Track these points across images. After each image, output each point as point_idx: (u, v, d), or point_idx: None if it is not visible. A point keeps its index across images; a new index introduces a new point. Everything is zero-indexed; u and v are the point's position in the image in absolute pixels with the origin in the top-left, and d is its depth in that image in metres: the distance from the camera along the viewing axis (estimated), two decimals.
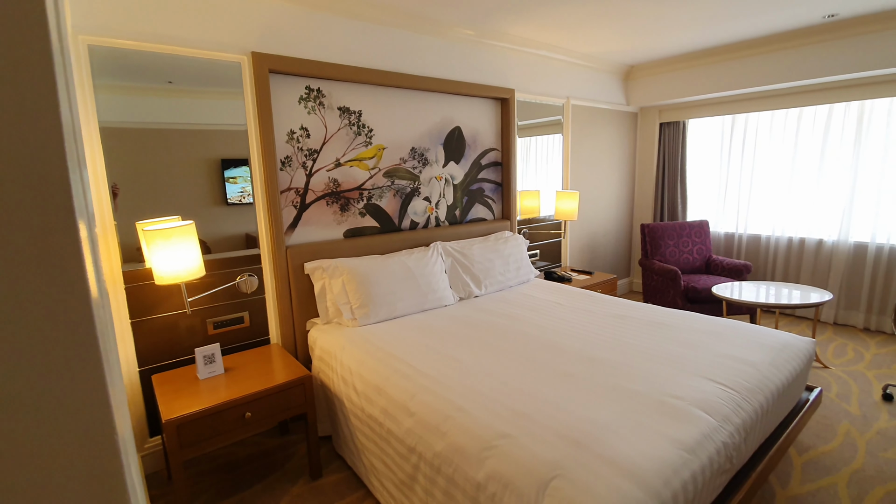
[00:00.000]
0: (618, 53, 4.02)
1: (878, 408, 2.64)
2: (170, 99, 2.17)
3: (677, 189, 4.86)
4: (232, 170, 2.37)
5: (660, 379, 1.74)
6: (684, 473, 1.25)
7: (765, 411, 1.70)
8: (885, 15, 3.13)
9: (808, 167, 4.06)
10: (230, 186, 2.37)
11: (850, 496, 1.95)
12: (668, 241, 4.28)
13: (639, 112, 5.04)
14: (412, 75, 2.87)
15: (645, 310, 2.61)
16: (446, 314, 2.59)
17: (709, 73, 4.12)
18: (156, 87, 2.12)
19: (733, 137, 4.48)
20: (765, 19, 3.21)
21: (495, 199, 3.61)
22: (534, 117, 3.86)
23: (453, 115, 3.24)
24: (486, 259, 3.05)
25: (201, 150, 2.27)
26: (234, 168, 2.37)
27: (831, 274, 4.00)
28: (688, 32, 3.45)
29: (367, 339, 2.23)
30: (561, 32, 3.33)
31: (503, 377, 1.77)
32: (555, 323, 2.42)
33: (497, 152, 3.57)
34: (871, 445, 2.29)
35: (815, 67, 3.53)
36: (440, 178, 3.21)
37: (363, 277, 2.47)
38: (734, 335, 2.17)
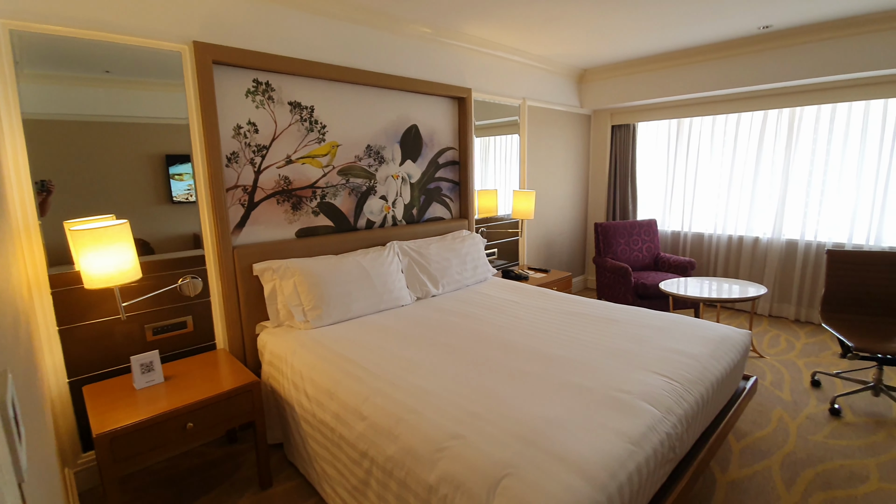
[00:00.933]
0: (572, 57, 4.11)
1: (807, 394, 2.83)
2: (108, 90, 2.02)
3: (628, 189, 5.04)
4: (177, 166, 2.24)
5: (609, 374, 1.79)
6: (630, 465, 1.29)
7: (705, 401, 1.79)
8: (815, 27, 3.37)
9: (745, 170, 4.32)
10: (175, 184, 2.24)
11: (784, 478, 2.08)
12: (620, 239, 4.43)
13: (592, 114, 5.19)
14: (367, 71, 2.82)
15: (597, 306, 2.68)
16: (403, 314, 2.56)
17: (656, 79, 4.29)
18: (92, 78, 1.97)
19: (679, 141, 4.70)
20: (707, 28, 3.37)
21: (453, 198, 3.61)
22: (491, 117, 3.88)
23: (410, 113, 3.21)
24: (444, 258, 3.05)
25: (143, 144, 2.13)
26: (179, 164, 2.24)
27: (766, 269, 4.27)
28: (637, 39, 3.58)
29: (320, 342, 2.17)
30: (517, 34, 3.37)
31: (457, 377, 1.77)
32: (511, 321, 2.44)
33: (454, 151, 3.57)
34: (802, 429, 2.46)
35: (751, 76, 3.76)
36: (397, 176, 3.18)
37: (316, 278, 2.40)
38: (679, 329, 2.27)
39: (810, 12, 3.08)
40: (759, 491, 1.99)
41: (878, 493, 1.97)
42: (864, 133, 3.70)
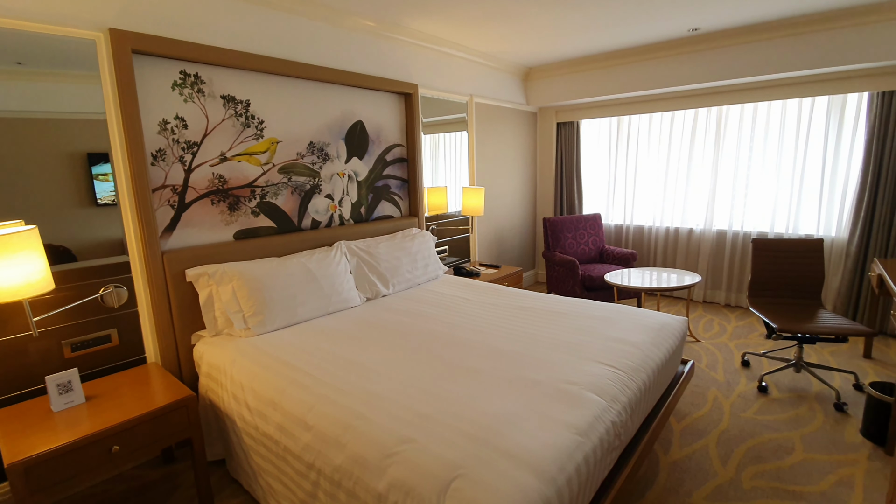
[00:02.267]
0: (517, 54, 4.17)
1: (738, 374, 3.04)
2: (20, 83, 1.82)
3: (574, 185, 5.20)
4: (101, 165, 2.04)
5: (558, 366, 1.82)
6: (578, 457, 1.31)
7: (647, 387, 1.86)
8: (738, 31, 3.61)
9: (679, 165, 4.56)
10: (100, 184, 2.04)
11: (720, 455, 2.21)
12: (567, 233, 4.55)
13: (538, 112, 5.30)
14: (308, 64, 2.71)
15: (547, 300, 2.73)
16: (352, 316, 2.49)
17: (597, 78, 4.44)
18: (2, 70, 1.76)
19: (619, 138, 4.90)
20: (641, 29, 3.52)
21: (402, 195, 3.55)
22: (439, 114, 3.86)
23: (355, 108, 3.12)
24: (394, 257, 2.99)
25: (62, 142, 1.93)
26: (103, 164, 2.05)
27: (700, 258, 4.54)
28: (577, 38, 3.68)
29: (262, 350, 2.05)
30: (462, 30, 3.36)
31: (408, 378, 1.73)
32: (462, 318, 2.43)
33: (402, 148, 3.52)
34: (734, 407, 2.63)
35: (682, 76, 3.97)
36: (343, 174, 3.08)
37: (257, 282, 2.27)
38: (622, 319, 2.35)
39: (731, 17, 3.28)
40: (698, 469, 2.11)
41: (803, 463, 2.14)
42: (782, 131, 4.01)
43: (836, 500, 1.90)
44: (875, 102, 3.49)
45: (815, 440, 2.30)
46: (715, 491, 1.96)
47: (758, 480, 2.02)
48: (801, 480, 2.02)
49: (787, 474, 2.06)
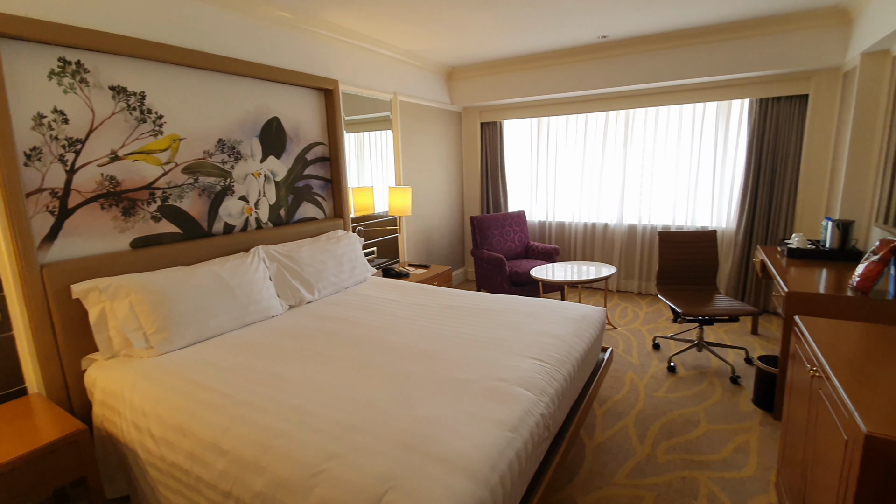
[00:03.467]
0: (440, 54, 4.17)
1: (650, 356, 3.29)
2: None
3: (499, 183, 5.33)
4: None
5: (487, 364, 1.83)
6: (510, 453, 1.32)
7: (572, 378, 1.94)
8: (642, 39, 3.90)
9: (593, 164, 4.85)
10: None
11: (637, 434, 2.37)
12: (494, 231, 4.66)
13: (462, 111, 5.36)
14: (214, 55, 2.49)
15: (475, 297, 2.76)
16: (273, 326, 2.34)
17: (516, 80, 4.58)
18: None
19: (539, 138, 5.10)
20: (557, 34, 3.68)
21: (325, 196, 3.41)
22: (363, 112, 3.76)
23: (269, 104, 2.93)
24: (318, 261, 2.86)
25: None
26: None
27: (614, 251, 4.87)
28: (496, 40, 3.76)
29: (168, 370, 1.85)
30: (383, 26, 3.29)
31: (334, 389, 1.65)
32: (391, 321, 2.38)
33: (324, 147, 3.37)
34: (648, 388, 2.84)
35: (593, 80, 4.22)
36: (258, 174, 2.88)
37: (160, 295, 2.05)
38: (547, 312, 2.44)
39: (635, 27, 3.54)
40: (619, 450, 2.24)
41: (707, 433, 2.36)
42: (680, 133, 4.41)
43: (735, 464, 2.11)
44: (754, 108, 3.95)
45: (715, 412, 2.55)
46: (635, 469, 2.10)
47: (670, 454, 2.19)
48: (705, 450, 2.22)
49: (694, 445, 2.25)
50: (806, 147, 3.79)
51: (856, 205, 3.20)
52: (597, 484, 2.01)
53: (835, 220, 2.93)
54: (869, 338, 1.55)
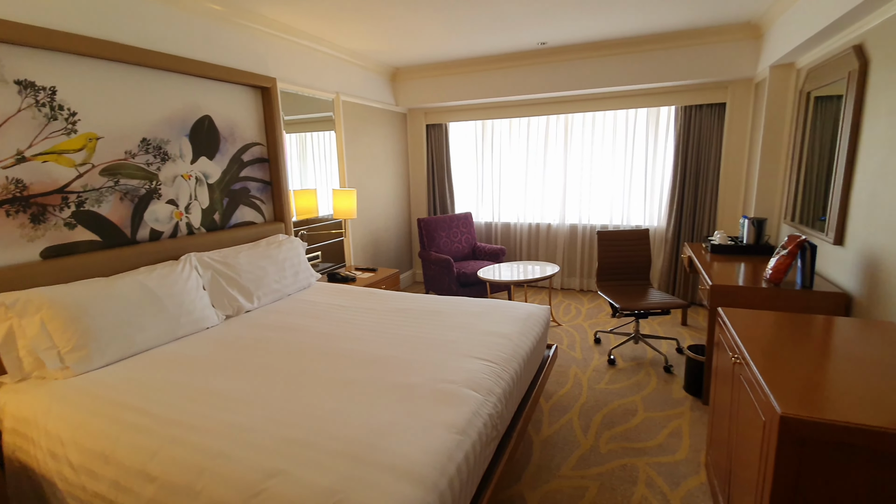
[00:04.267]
0: (383, 54, 4.13)
1: (592, 350, 3.43)
2: None
3: (445, 185, 5.36)
4: None
5: (436, 366, 1.83)
6: (458, 456, 1.32)
7: (519, 376, 1.98)
8: (579, 47, 4.06)
9: (536, 167, 5.00)
10: None
11: (581, 426, 2.46)
12: (442, 232, 4.67)
13: (407, 113, 5.33)
14: (135, 47, 2.30)
15: (423, 300, 2.75)
16: (208, 338, 2.20)
17: (460, 83, 4.63)
18: None
19: (484, 140, 5.19)
20: (499, 39, 3.75)
21: (264, 199, 3.26)
22: (305, 112, 3.64)
23: (200, 101, 2.76)
24: (258, 267, 2.73)
25: None
26: None
27: (557, 250, 5.05)
28: (439, 42, 3.78)
29: (88, 392, 1.69)
30: (322, 23, 3.20)
31: (276, 401, 1.58)
32: (337, 327, 2.31)
33: (262, 147, 3.23)
34: (591, 381, 2.96)
35: (534, 85, 4.35)
36: (189, 176, 2.71)
37: (76, 309, 1.86)
38: (494, 312, 2.47)
39: (571, 35, 3.68)
40: (564, 443, 2.32)
41: (645, 421, 2.49)
42: (614, 137, 4.64)
43: (669, 449, 2.25)
44: (680, 115, 4.24)
45: (651, 400, 2.70)
46: (579, 460, 2.18)
47: (612, 444, 2.30)
48: (643, 437, 2.35)
49: (633, 434, 2.38)
50: (725, 151, 4.12)
51: (768, 204, 3.51)
52: (544, 478, 2.06)
53: (750, 218, 3.20)
54: (781, 325, 1.71)
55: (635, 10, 3.14)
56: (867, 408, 1.13)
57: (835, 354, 1.45)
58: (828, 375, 1.31)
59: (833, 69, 2.54)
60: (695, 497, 1.92)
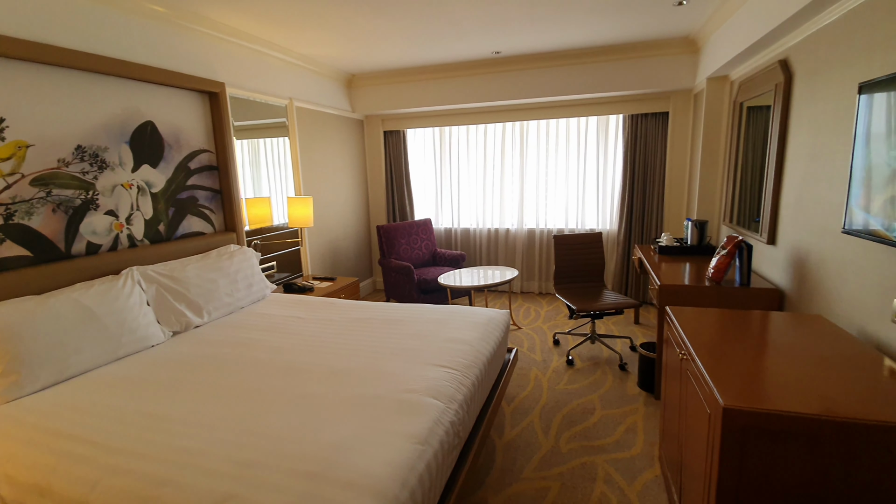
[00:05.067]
0: (339, 60, 4.08)
1: (551, 352, 3.51)
2: None
3: (404, 192, 5.34)
4: None
5: (397, 376, 1.81)
6: (420, 466, 1.31)
7: (480, 381, 1.99)
8: (532, 57, 4.17)
9: (494, 172, 5.08)
10: None
11: (542, 427, 2.51)
12: (401, 239, 4.65)
13: (364, 119, 5.29)
14: (68, 49, 2.16)
15: (384, 308, 2.72)
16: (153, 357, 2.07)
17: (417, 90, 4.64)
18: None
19: (442, 147, 5.22)
20: (454, 48, 3.80)
21: (214, 208, 3.13)
22: (257, 117, 3.53)
23: (142, 106, 2.62)
24: (207, 280, 2.61)
25: None
26: None
27: (516, 254, 5.14)
28: (396, 50, 3.78)
29: (19, 420, 1.55)
30: (272, 27, 3.13)
31: (228, 422, 1.51)
32: (294, 340, 2.25)
33: (211, 154, 3.10)
34: (550, 382, 3.02)
35: (489, 93, 4.43)
36: (130, 185, 2.56)
37: (5, 331, 1.71)
38: (455, 319, 2.48)
39: (524, 45, 3.79)
40: (526, 445, 2.35)
41: (602, 419, 2.57)
42: (568, 144, 4.80)
43: (626, 445, 2.33)
44: (627, 123, 4.44)
45: (608, 398, 2.79)
46: (541, 461, 2.22)
47: (572, 443, 2.35)
48: (601, 435, 2.42)
49: (591, 432, 2.45)
50: (669, 157, 4.35)
51: (708, 207, 3.74)
52: (507, 481, 2.08)
53: (693, 220, 3.39)
54: (723, 322, 1.82)
55: (582, 24, 3.27)
56: (800, 397, 1.22)
57: (771, 347, 1.55)
58: (765, 367, 1.40)
59: (762, 82, 2.75)
60: (650, 490, 2.00)
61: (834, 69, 1.99)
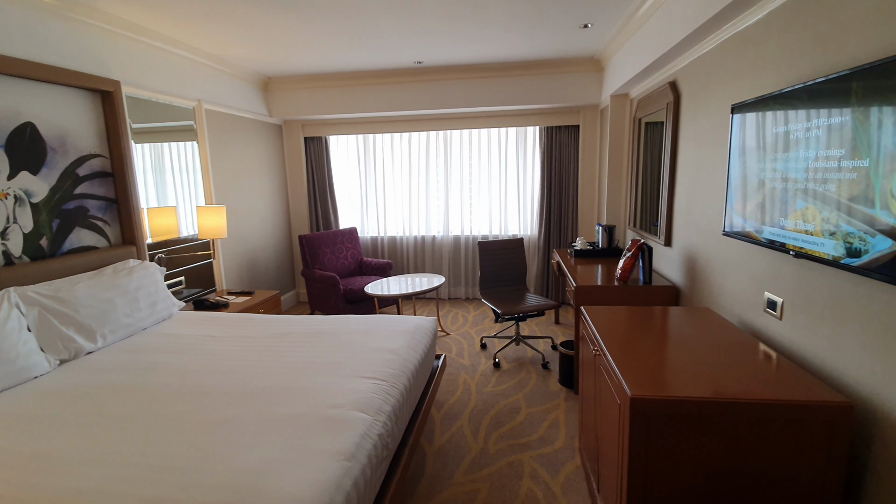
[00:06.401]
0: (252, 61, 3.88)
1: (479, 356, 3.60)
2: None
3: (328, 200, 5.19)
4: None
5: (322, 391, 1.75)
6: (347, 484, 1.28)
7: (409, 390, 1.98)
8: (453, 68, 4.27)
9: (419, 180, 5.12)
10: None
11: (471, 430, 2.55)
12: (326, 249, 4.51)
13: (283, 125, 5.07)
14: None
15: (308, 321, 2.62)
16: (37, 390, 1.81)
17: (339, 96, 4.56)
18: None
19: (367, 154, 5.16)
20: (376, 55, 3.78)
21: (109, 220, 2.82)
22: (161, 120, 3.24)
23: (20, 106, 2.30)
24: (102, 300, 2.33)
25: None
26: None
27: (443, 261, 5.21)
28: (315, 54, 3.68)
29: None
30: (175, 23, 2.91)
31: (127, 457, 1.36)
32: (206, 361, 2.08)
33: (104, 160, 2.79)
34: (479, 385, 3.09)
35: (412, 101, 4.47)
36: (5, 195, 2.23)
37: None
38: (382, 328, 2.46)
39: (444, 56, 3.88)
40: (456, 449, 2.38)
41: (528, 417, 2.67)
42: (490, 153, 4.97)
43: (549, 440, 2.44)
44: (543, 135, 4.71)
45: (532, 397, 2.92)
46: (471, 464, 2.25)
47: (500, 443, 2.42)
48: (527, 432, 2.52)
49: (518, 430, 2.53)
50: (581, 167, 4.67)
51: (615, 212, 4.07)
52: (438, 488, 2.09)
53: (603, 225, 3.67)
54: (630, 318, 1.98)
55: (500, 40, 3.42)
56: (694, 382, 1.37)
57: (669, 339, 1.72)
58: (664, 358, 1.55)
59: (656, 100, 3.06)
60: (572, 481, 2.11)
61: (712, 91, 2.27)
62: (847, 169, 1.26)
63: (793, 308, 1.62)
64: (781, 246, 1.58)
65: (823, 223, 1.36)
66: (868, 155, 1.19)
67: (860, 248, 1.22)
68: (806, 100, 1.44)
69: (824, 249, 1.36)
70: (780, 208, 1.58)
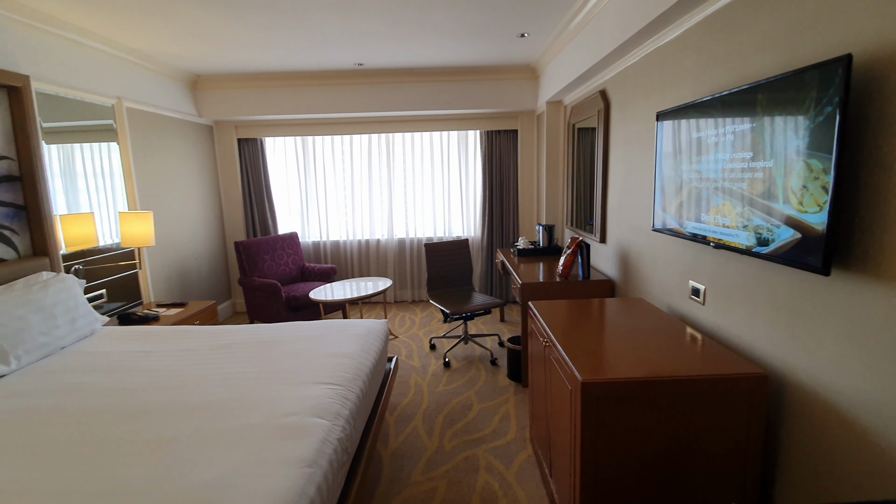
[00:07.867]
0: (181, 58, 3.65)
1: (429, 357, 3.62)
2: None
3: (265, 204, 4.98)
4: None
5: (275, 401, 1.69)
6: (310, 490, 1.25)
7: (364, 393, 1.97)
8: (394, 71, 4.28)
9: (362, 183, 5.07)
10: None
11: (426, 430, 2.57)
12: (265, 255, 4.33)
13: (214, 125, 4.80)
14: None
15: (251, 331, 2.50)
16: None
17: (275, 96, 4.40)
18: None
19: (307, 157, 5.02)
20: (315, 55, 3.70)
21: (17, 229, 2.53)
22: (77, 118, 2.95)
23: None
24: (13, 317, 2.09)
25: None
26: None
27: (388, 265, 5.19)
28: (250, 52, 3.53)
29: None
30: (89, 14, 2.67)
31: (63, 485, 1.24)
32: (141, 379, 1.93)
33: (10, 162, 2.50)
34: (430, 386, 3.11)
35: (352, 104, 4.42)
36: None
37: None
38: (332, 333, 2.41)
39: (385, 59, 3.88)
40: (412, 450, 2.39)
41: (480, 412, 2.74)
42: (433, 156, 5.03)
43: (501, 433, 2.52)
44: (483, 139, 4.84)
45: (483, 393, 2.99)
46: (428, 463, 2.27)
47: (455, 440, 2.46)
48: (480, 428, 2.58)
49: (471, 426, 2.59)
50: (520, 170, 4.86)
51: (554, 212, 4.28)
52: (396, 489, 2.09)
53: (543, 225, 3.85)
54: (573, 310, 2.10)
55: (440, 45, 3.49)
56: (634, 364, 1.49)
57: (608, 327, 1.86)
58: (607, 345, 1.67)
59: (588, 107, 3.26)
60: (525, 469, 2.20)
61: (639, 99, 2.47)
62: (755, 169, 1.45)
63: (714, 294, 1.82)
64: (703, 238, 1.76)
65: (738, 217, 1.54)
66: (772, 156, 1.37)
67: (768, 238, 1.40)
68: (719, 108, 1.62)
69: (739, 240, 1.54)
70: (701, 205, 1.77)
